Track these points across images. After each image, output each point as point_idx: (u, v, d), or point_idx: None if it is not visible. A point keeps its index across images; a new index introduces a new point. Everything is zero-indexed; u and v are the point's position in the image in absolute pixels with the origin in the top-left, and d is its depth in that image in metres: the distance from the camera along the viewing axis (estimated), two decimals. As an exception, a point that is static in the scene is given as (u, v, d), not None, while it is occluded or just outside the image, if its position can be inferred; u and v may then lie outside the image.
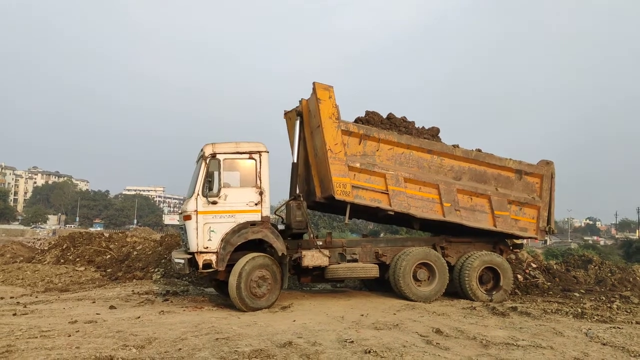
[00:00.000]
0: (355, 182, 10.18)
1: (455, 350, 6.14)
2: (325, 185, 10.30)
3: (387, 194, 10.37)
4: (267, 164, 9.57)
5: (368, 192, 10.32)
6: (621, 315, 8.97)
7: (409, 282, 10.28)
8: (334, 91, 10.25)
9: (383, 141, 10.50)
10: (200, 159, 9.54)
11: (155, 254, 14.41)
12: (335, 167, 9.92)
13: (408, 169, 10.65)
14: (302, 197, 10.40)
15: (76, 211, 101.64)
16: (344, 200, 10.01)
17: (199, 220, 9.03)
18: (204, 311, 9.05)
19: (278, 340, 6.35)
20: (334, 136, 10.02)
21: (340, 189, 9.93)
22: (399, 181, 10.46)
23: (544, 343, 6.57)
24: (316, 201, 10.89)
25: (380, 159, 10.49)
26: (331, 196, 9.97)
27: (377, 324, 7.63)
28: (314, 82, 10.18)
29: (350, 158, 10.16)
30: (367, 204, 10.31)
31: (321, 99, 10.09)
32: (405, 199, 10.47)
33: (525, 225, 11.47)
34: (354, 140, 10.32)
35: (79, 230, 23.37)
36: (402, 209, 10.44)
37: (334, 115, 10.10)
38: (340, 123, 10.15)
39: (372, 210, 10.57)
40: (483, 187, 11.14)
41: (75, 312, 8.62)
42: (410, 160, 10.72)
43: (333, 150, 9.96)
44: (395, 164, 10.59)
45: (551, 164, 11.70)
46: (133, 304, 9.78)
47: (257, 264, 9.13)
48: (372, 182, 10.35)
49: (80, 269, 14.22)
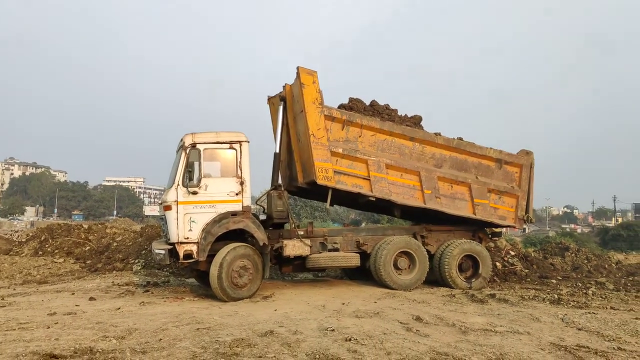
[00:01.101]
0: (338, 168, 10.20)
1: (434, 337, 6.23)
2: (307, 170, 10.31)
3: (369, 180, 10.42)
4: (247, 154, 9.53)
5: (350, 177, 10.35)
6: (596, 301, 9.16)
7: (390, 270, 10.37)
8: (317, 76, 10.24)
9: (366, 127, 10.53)
10: (180, 149, 9.46)
11: (136, 245, 14.30)
12: (317, 152, 9.93)
13: (390, 156, 10.71)
14: (282, 186, 10.39)
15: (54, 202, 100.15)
16: (325, 185, 10.03)
17: (180, 211, 8.97)
18: (185, 302, 9.02)
19: (259, 330, 6.37)
20: (317, 121, 10.02)
21: (323, 174, 9.94)
22: (380, 167, 10.51)
23: (522, 329, 6.69)
24: (298, 186, 10.91)
25: (362, 145, 10.52)
26: (313, 181, 9.98)
27: (358, 312, 7.69)
28: (298, 67, 10.16)
29: (333, 143, 10.17)
30: (349, 189, 10.34)
31: (305, 83, 10.07)
32: (386, 185, 10.54)
33: (504, 214, 11.62)
34: (337, 126, 10.34)
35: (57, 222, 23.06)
36: (383, 195, 10.49)
37: (317, 100, 10.10)
38: (324, 108, 10.15)
39: (354, 196, 10.60)
40: (463, 175, 11.24)
41: (54, 304, 8.53)
42: (392, 147, 10.77)
43: (316, 135, 9.96)
44: (378, 150, 10.63)
45: (531, 154, 11.85)
46: (113, 295, 9.71)
47: (238, 254, 9.12)
48: (354, 167, 10.39)
49: (59, 261, 14.04)
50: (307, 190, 11.20)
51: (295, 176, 10.82)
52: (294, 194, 12.15)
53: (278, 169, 10.60)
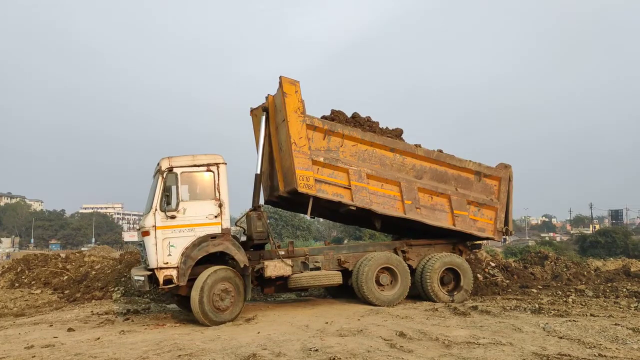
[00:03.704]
0: (319, 176, 10.26)
1: (418, 352, 6.23)
2: (288, 179, 10.34)
3: (350, 189, 10.48)
4: (225, 176, 9.51)
5: (331, 186, 10.41)
6: (576, 309, 9.28)
7: (372, 287, 10.37)
8: (300, 86, 10.36)
9: (347, 137, 10.63)
10: (157, 173, 9.40)
11: (115, 272, 14.06)
12: (299, 160, 9.98)
13: (371, 166, 10.80)
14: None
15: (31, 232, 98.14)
16: (306, 193, 10.05)
17: (158, 236, 8.88)
18: (167, 328, 8.88)
19: (242, 353, 6.30)
20: (298, 130, 10.09)
21: (304, 182, 9.98)
22: (361, 177, 10.58)
23: (504, 340, 6.74)
24: (280, 196, 10.92)
25: (343, 155, 10.61)
26: (294, 189, 10.01)
27: (341, 331, 7.66)
28: (281, 76, 10.28)
29: (314, 152, 10.25)
30: (330, 198, 10.37)
31: (287, 93, 10.18)
32: (367, 194, 10.60)
33: (483, 226, 11.73)
34: (319, 135, 10.42)
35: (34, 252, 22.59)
36: (364, 205, 10.54)
37: (300, 110, 10.20)
38: (306, 117, 10.25)
39: (335, 206, 10.65)
40: (443, 186, 11.36)
41: (31, 337, 8.31)
42: (373, 157, 10.87)
43: (297, 144, 10.02)
44: (359, 160, 10.73)
45: (509, 167, 12.02)
46: (92, 325, 9.51)
47: (219, 277, 9.03)
48: (335, 177, 10.46)
49: (36, 292, 13.72)
50: (289, 200, 11.21)
51: (277, 186, 10.85)
52: (275, 204, 12.21)
53: (259, 190, 10.60)
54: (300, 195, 10.14)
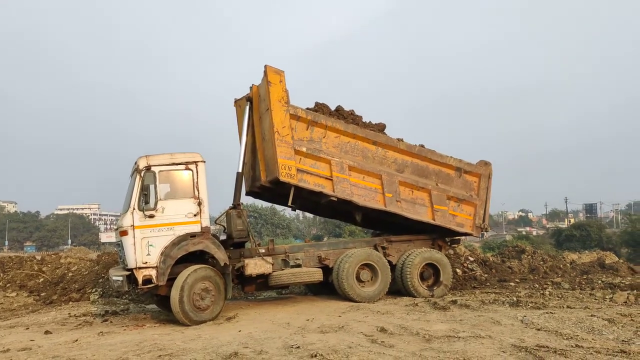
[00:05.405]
0: (301, 166, 10.26)
1: (399, 347, 6.27)
2: (270, 168, 10.31)
3: (331, 180, 10.52)
4: (204, 174, 9.44)
5: (313, 177, 10.43)
6: (553, 301, 9.43)
7: (353, 283, 10.40)
8: (284, 76, 10.36)
9: (330, 129, 10.68)
10: (134, 172, 9.29)
11: (92, 273, 13.86)
12: (281, 149, 9.98)
13: (353, 158, 10.85)
14: (242, 205, 10.33)
15: (5, 235, 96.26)
16: (288, 182, 10.05)
17: (137, 235, 8.78)
18: (146, 329, 8.79)
19: (223, 352, 6.27)
20: (282, 119, 10.09)
21: (286, 171, 9.98)
22: (343, 168, 10.62)
23: (483, 333, 6.82)
24: (262, 186, 10.87)
25: (326, 146, 10.64)
26: (276, 179, 10.00)
27: (322, 328, 7.67)
28: (266, 65, 10.25)
29: (297, 142, 10.26)
30: (311, 188, 10.39)
31: (272, 82, 10.18)
32: (348, 186, 10.64)
33: (462, 221, 11.86)
34: (302, 126, 10.44)
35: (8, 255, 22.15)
36: (345, 196, 10.58)
37: (284, 99, 10.20)
38: (289, 107, 10.25)
39: (316, 197, 10.66)
40: (424, 181, 11.46)
41: (7, 341, 8.15)
42: (356, 149, 10.93)
43: (280, 133, 10.01)
44: (341, 152, 10.77)
45: (489, 164, 12.18)
46: (70, 327, 9.36)
47: (199, 276, 8.97)
48: (317, 167, 10.49)
49: (11, 295, 13.46)
50: (271, 191, 11.20)
51: (259, 176, 10.80)
52: (257, 196, 12.16)
53: (240, 188, 10.54)
54: (282, 186, 10.15)
